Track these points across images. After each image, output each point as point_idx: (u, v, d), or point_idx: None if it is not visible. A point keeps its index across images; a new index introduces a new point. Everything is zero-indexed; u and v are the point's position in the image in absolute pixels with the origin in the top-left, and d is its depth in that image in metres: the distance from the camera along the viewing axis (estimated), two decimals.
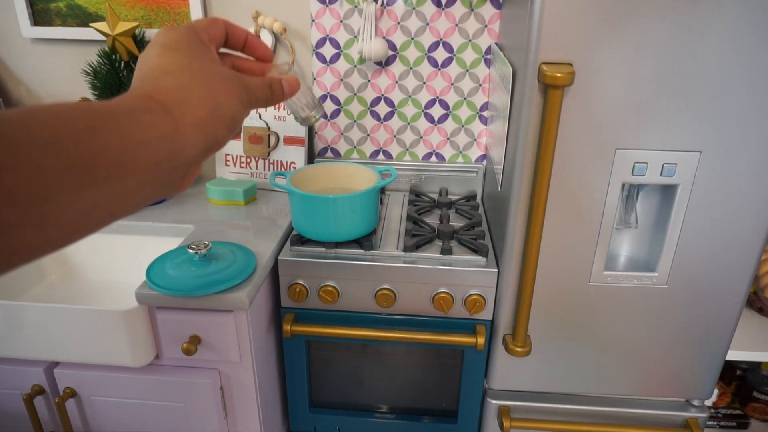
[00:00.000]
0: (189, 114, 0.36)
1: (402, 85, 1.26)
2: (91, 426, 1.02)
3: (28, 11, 1.26)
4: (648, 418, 1.03)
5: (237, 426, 1.02)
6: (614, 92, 0.79)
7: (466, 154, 1.31)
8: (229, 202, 1.22)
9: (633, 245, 0.96)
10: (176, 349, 0.93)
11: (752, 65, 0.76)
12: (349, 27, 1.21)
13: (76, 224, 0.29)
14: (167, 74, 0.38)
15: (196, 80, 0.38)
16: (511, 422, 1.01)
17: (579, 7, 0.74)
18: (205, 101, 0.37)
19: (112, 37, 1.18)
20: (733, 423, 1.33)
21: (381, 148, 1.33)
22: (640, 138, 0.81)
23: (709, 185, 0.83)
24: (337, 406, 1.15)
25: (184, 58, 0.39)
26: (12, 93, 1.38)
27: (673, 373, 1.00)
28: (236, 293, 0.87)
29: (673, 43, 0.75)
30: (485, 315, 1.01)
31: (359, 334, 1.00)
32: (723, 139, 0.80)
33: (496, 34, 1.19)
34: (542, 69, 0.76)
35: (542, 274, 0.91)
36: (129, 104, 0.33)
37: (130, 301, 0.89)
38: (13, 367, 0.96)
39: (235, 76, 0.42)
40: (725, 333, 0.95)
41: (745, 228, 0.86)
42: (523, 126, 0.82)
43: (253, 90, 0.43)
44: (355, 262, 0.99)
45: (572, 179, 0.85)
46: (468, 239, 1.03)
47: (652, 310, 0.94)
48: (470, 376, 1.06)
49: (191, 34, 0.42)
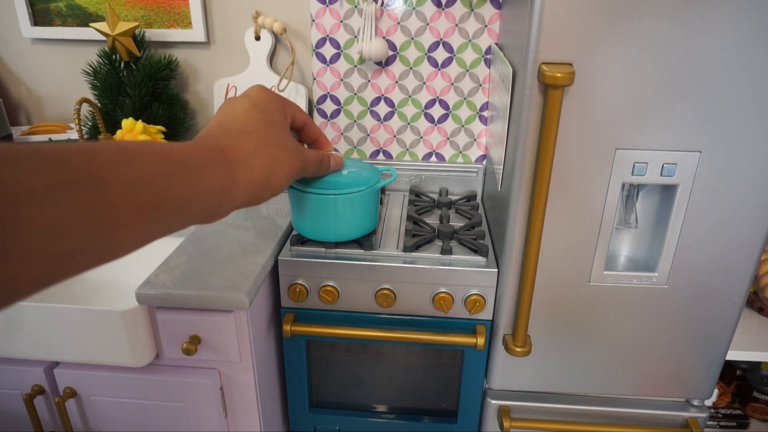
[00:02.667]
0: (246, 176, 0.40)
1: (402, 85, 1.26)
2: (91, 426, 1.02)
3: (28, 11, 1.26)
4: (648, 418, 1.03)
5: (237, 426, 1.02)
6: (614, 92, 0.79)
7: (466, 154, 1.31)
8: None
9: (633, 245, 0.96)
10: (176, 349, 0.93)
11: (752, 65, 0.76)
12: (349, 27, 1.21)
13: (130, 250, 0.33)
14: (244, 134, 0.42)
15: (264, 147, 0.42)
16: (511, 422, 1.01)
17: (579, 7, 0.74)
18: (263, 168, 0.42)
19: (112, 37, 1.18)
20: (733, 423, 1.33)
21: (381, 148, 1.33)
22: (640, 138, 0.81)
23: (709, 185, 0.83)
24: (337, 406, 1.15)
25: (264, 123, 0.44)
26: (12, 93, 1.38)
27: (673, 373, 1.00)
28: (236, 293, 0.87)
29: (673, 42, 0.75)
30: (485, 315, 1.01)
31: (359, 334, 1.00)
32: (723, 139, 0.80)
33: (496, 34, 1.19)
34: (542, 69, 0.76)
35: (542, 274, 0.91)
36: (201, 156, 0.37)
37: (130, 301, 0.89)
38: (13, 367, 0.96)
39: (298, 151, 0.47)
40: (725, 333, 0.95)
41: (745, 228, 0.86)
42: (523, 126, 0.82)
43: (307, 164, 0.49)
44: (355, 262, 0.99)
45: (572, 179, 0.85)
46: (468, 239, 1.03)
47: (652, 310, 0.94)
48: (470, 376, 1.06)
49: (279, 103, 0.47)
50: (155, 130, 1.16)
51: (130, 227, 0.31)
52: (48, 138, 1.21)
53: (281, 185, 0.44)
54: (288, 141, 0.46)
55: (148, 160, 0.32)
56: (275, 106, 0.46)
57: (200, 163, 0.36)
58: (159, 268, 0.94)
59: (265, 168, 0.42)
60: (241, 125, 0.42)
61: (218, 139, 0.40)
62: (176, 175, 0.34)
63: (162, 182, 0.33)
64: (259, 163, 0.41)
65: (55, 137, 1.22)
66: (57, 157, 0.27)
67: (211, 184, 0.37)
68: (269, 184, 0.43)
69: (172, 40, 1.27)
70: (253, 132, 0.42)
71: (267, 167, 0.42)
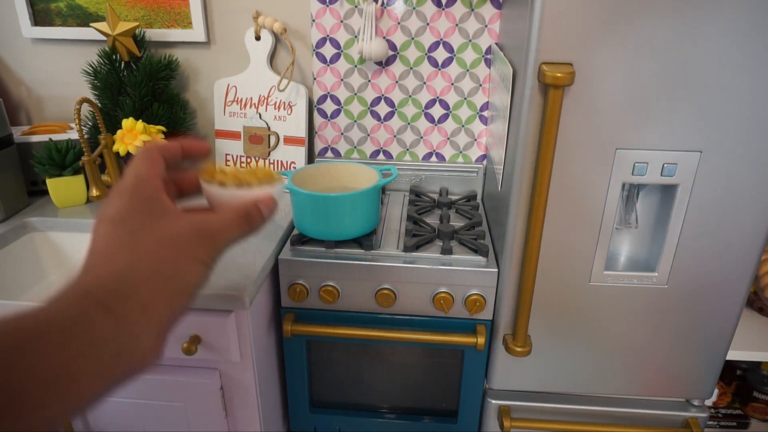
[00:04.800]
0: (131, 304, 0.32)
1: (402, 85, 1.26)
2: (91, 426, 1.02)
3: (29, 11, 1.26)
4: (648, 418, 1.03)
5: (237, 426, 1.02)
6: (614, 92, 0.79)
7: (466, 154, 1.31)
8: None
9: (633, 245, 0.96)
10: (176, 349, 0.93)
11: (752, 65, 0.76)
12: (350, 27, 1.21)
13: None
14: (108, 259, 0.34)
15: (139, 259, 0.34)
16: (511, 422, 1.01)
17: (579, 7, 0.74)
18: (151, 281, 0.33)
19: (112, 37, 1.18)
20: (733, 423, 1.33)
21: (381, 148, 1.33)
22: (640, 138, 0.81)
23: (709, 185, 0.83)
24: (337, 406, 1.15)
25: (127, 233, 0.35)
26: (12, 93, 1.38)
27: (673, 373, 1.00)
28: (236, 293, 0.87)
29: (673, 42, 0.75)
30: (485, 315, 1.01)
31: (359, 334, 1.00)
32: (723, 139, 0.80)
33: (496, 34, 1.19)
34: (542, 69, 0.76)
35: (542, 274, 0.91)
36: (63, 312, 0.30)
37: None
38: None
39: (194, 231, 0.37)
40: (725, 333, 0.95)
41: (745, 228, 0.86)
42: (523, 126, 0.82)
43: (221, 234, 0.38)
44: (355, 262, 0.99)
45: (572, 179, 0.85)
46: (468, 239, 1.03)
47: (652, 310, 0.94)
48: (470, 376, 1.06)
49: (137, 193, 0.37)
50: (155, 130, 1.16)
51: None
52: (48, 138, 1.21)
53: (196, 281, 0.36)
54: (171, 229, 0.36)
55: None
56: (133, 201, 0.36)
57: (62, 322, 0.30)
58: None
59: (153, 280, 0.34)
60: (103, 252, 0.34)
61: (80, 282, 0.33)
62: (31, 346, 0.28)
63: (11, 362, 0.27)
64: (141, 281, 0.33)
65: (55, 137, 1.22)
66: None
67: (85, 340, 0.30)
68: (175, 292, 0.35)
69: (172, 40, 1.27)
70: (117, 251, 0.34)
71: (156, 277, 0.34)
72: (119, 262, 0.34)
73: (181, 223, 0.37)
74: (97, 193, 1.22)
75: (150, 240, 0.35)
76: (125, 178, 0.38)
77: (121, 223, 0.35)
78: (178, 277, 0.35)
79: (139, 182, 0.38)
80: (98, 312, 0.31)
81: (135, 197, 0.37)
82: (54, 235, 1.16)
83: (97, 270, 0.33)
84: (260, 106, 1.27)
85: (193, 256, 0.36)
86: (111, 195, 0.37)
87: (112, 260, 0.34)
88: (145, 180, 0.38)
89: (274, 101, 1.26)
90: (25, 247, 1.13)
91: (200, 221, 0.38)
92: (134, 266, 0.34)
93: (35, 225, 1.15)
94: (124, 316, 0.32)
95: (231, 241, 0.39)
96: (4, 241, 1.09)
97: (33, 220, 1.15)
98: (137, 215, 0.36)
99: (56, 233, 1.16)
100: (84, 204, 1.22)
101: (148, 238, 0.35)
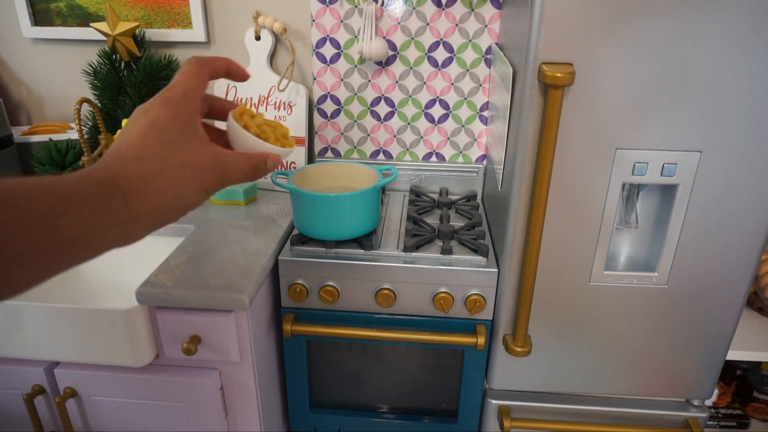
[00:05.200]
0: (144, 204, 0.37)
1: (402, 85, 1.26)
2: (91, 426, 1.02)
3: (29, 11, 1.26)
4: (648, 418, 1.03)
5: (237, 426, 1.02)
6: (614, 92, 0.79)
7: (466, 154, 1.31)
8: (230, 201, 1.22)
9: (633, 245, 0.96)
10: (176, 349, 0.93)
11: (752, 65, 0.76)
12: (350, 27, 1.21)
13: (26, 288, 0.32)
14: (138, 159, 0.38)
15: (163, 169, 0.39)
16: (511, 422, 1.01)
17: (579, 7, 0.74)
18: (164, 192, 0.39)
19: (112, 37, 1.18)
20: (733, 423, 1.33)
21: (381, 148, 1.33)
22: (640, 138, 0.81)
23: (709, 185, 0.83)
24: (337, 406, 1.15)
25: (161, 144, 0.39)
26: (12, 93, 1.38)
27: (673, 373, 1.00)
28: (236, 293, 0.87)
29: (674, 43, 0.75)
30: (485, 315, 1.01)
31: (359, 334, 1.00)
32: (723, 139, 0.80)
33: (496, 34, 1.19)
34: (542, 69, 0.76)
35: (542, 274, 0.91)
36: (92, 190, 0.35)
37: (130, 301, 0.89)
38: (14, 366, 0.96)
39: (212, 165, 0.42)
40: (725, 333, 0.95)
41: (745, 228, 0.86)
42: (524, 126, 0.82)
43: (231, 175, 0.43)
44: (355, 262, 0.99)
45: (572, 179, 0.85)
46: (468, 239, 1.03)
47: (652, 310, 0.94)
48: (470, 376, 1.06)
49: (181, 109, 0.41)
50: None
51: (14, 270, 0.30)
52: (48, 138, 1.21)
53: (191, 205, 0.41)
54: (198, 156, 0.41)
55: (32, 198, 0.31)
56: (177, 116, 0.40)
57: (90, 196, 0.34)
58: (159, 268, 0.94)
59: (165, 192, 0.39)
60: (135, 151, 0.38)
61: (110, 168, 0.37)
62: (66, 212, 0.33)
63: (51, 220, 0.32)
64: (158, 188, 0.38)
65: (55, 137, 1.23)
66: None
67: (104, 219, 0.35)
68: (176, 207, 0.40)
69: (172, 40, 1.27)
70: (149, 155, 0.38)
71: (169, 190, 0.39)
72: (146, 167, 0.38)
73: (205, 153, 0.42)
74: None
75: (177, 159, 0.40)
76: (175, 87, 0.42)
77: (159, 133, 0.39)
78: (184, 197, 0.40)
79: (185, 97, 0.42)
80: (118, 200, 0.36)
81: (178, 113, 0.41)
82: None
83: (126, 164, 0.38)
84: (260, 106, 1.27)
85: (203, 185, 0.41)
86: (159, 99, 0.41)
87: (141, 162, 0.38)
88: (191, 98, 0.42)
89: (274, 101, 1.26)
90: None
91: (219, 157, 0.42)
92: (157, 176, 0.38)
93: None
94: (136, 212, 0.37)
95: (235, 182, 0.45)
96: None
97: None
98: (174, 131, 0.40)
99: None
100: None
101: (175, 157, 0.39)
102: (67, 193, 0.33)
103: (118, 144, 0.39)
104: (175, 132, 0.40)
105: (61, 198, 0.33)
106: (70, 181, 0.34)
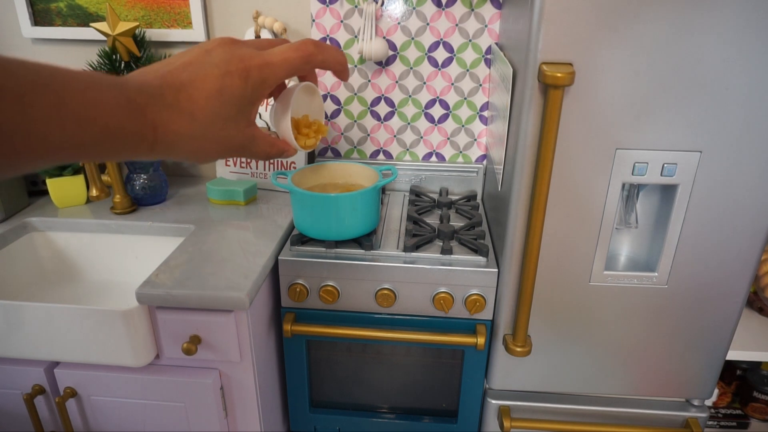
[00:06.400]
0: (165, 153, 0.39)
1: (402, 85, 1.26)
2: (91, 426, 1.02)
3: (29, 11, 1.26)
4: (648, 418, 1.03)
5: (237, 426, 1.02)
6: (614, 92, 0.79)
7: (466, 154, 1.31)
8: (230, 202, 1.22)
9: (633, 245, 0.96)
10: (176, 349, 0.93)
11: (752, 65, 0.76)
12: (350, 27, 1.21)
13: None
14: (190, 118, 0.38)
15: (202, 134, 0.40)
16: (511, 422, 1.01)
17: (579, 7, 0.74)
18: (188, 151, 0.40)
19: (112, 37, 1.18)
20: (733, 423, 1.33)
21: (381, 148, 1.33)
22: (640, 138, 0.81)
23: (709, 185, 0.83)
24: (337, 406, 1.16)
25: (216, 114, 0.40)
26: None
27: (673, 373, 1.00)
28: (236, 293, 0.87)
29: (673, 43, 0.75)
30: (485, 315, 1.01)
31: (359, 334, 1.00)
32: (723, 139, 0.80)
33: (496, 34, 1.19)
34: (542, 69, 0.76)
35: (542, 274, 0.91)
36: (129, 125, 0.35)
37: (130, 301, 0.89)
38: (14, 366, 0.96)
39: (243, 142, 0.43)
40: (725, 333, 0.95)
41: (745, 228, 0.86)
42: (524, 126, 0.82)
43: (253, 151, 0.45)
44: (355, 262, 0.99)
45: (572, 179, 0.85)
46: (468, 239, 1.03)
47: (652, 310, 0.94)
48: (470, 376, 1.06)
49: (255, 94, 0.41)
50: None
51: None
52: None
53: (202, 163, 0.43)
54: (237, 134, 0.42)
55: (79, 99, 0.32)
56: (242, 101, 0.41)
57: (125, 130, 0.35)
58: (159, 268, 0.94)
59: (190, 151, 0.40)
60: (194, 107, 0.38)
61: (159, 112, 0.37)
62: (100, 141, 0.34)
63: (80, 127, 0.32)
64: (186, 148, 0.39)
65: None
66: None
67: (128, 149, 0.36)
68: (189, 159, 0.42)
69: (172, 40, 1.27)
70: (200, 119, 0.39)
71: (193, 151, 0.40)
72: (191, 128, 0.39)
73: (244, 134, 0.43)
74: (96, 193, 1.22)
75: (219, 132, 0.40)
76: (264, 67, 0.41)
77: (221, 105, 0.40)
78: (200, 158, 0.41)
79: (265, 83, 0.42)
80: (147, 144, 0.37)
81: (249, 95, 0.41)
82: (54, 235, 1.16)
83: (177, 118, 0.38)
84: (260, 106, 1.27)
85: (224, 155, 0.43)
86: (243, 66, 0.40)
87: (190, 122, 0.38)
88: (270, 84, 0.42)
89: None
90: (25, 247, 1.14)
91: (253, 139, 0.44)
92: (193, 139, 0.39)
93: (35, 225, 1.15)
94: (154, 154, 0.38)
95: (251, 158, 0.46)
96: (4, 241, 1.09)
97: (33, 220, 1.15)
98: (234, 108, 0.40)
99: (56, 233, 1.16)
100: (84, 204, 1.22)
101: (219, 130, 0.40)
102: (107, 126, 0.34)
103: (183, 81, 0.38)
104: (233, 109, 0.41)
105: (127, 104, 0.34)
106: (117, 104, 0.34)
